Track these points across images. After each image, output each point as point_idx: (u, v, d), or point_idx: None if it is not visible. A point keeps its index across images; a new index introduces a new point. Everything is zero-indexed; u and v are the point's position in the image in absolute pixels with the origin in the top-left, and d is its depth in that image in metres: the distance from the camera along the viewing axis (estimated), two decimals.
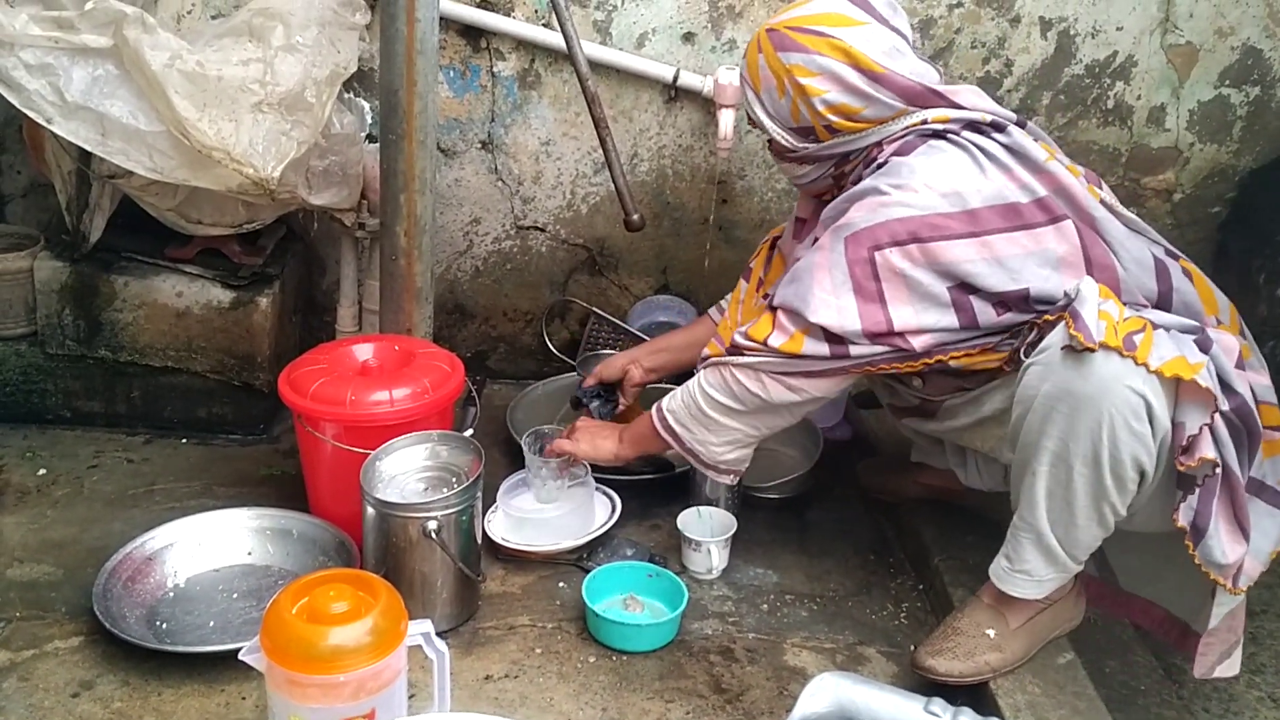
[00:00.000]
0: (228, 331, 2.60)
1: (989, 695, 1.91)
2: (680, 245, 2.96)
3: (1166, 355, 1.73)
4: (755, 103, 2.06)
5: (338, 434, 2.15)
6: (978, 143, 1.91)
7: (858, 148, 1.99)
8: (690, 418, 2.09)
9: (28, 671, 1.92)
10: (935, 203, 1.87)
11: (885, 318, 1.89)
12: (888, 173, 1.91)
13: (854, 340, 1.91)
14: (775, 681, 2.02)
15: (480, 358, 3.06)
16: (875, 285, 1.88)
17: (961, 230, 1.86)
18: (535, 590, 2.22)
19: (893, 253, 1.87)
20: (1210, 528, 1.78)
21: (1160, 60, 2.80)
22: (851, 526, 2.51)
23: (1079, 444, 1.78)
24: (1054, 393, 1.79)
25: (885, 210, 1.88)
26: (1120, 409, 1.74)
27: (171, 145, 2.25)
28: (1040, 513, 1.86)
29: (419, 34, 2.22)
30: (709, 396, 2.05)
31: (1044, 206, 1.89)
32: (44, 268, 2.55)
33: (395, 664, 1.59)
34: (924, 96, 1.94)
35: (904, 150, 1.93)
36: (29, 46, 2.19)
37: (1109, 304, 1.79)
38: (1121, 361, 1.73)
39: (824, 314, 1.90)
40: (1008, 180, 1.89)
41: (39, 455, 2.54)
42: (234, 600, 2.10)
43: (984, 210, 1.87)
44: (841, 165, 2.04)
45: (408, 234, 2.38)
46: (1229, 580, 1.83)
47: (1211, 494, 1.78)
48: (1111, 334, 1.74)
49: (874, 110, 1.95)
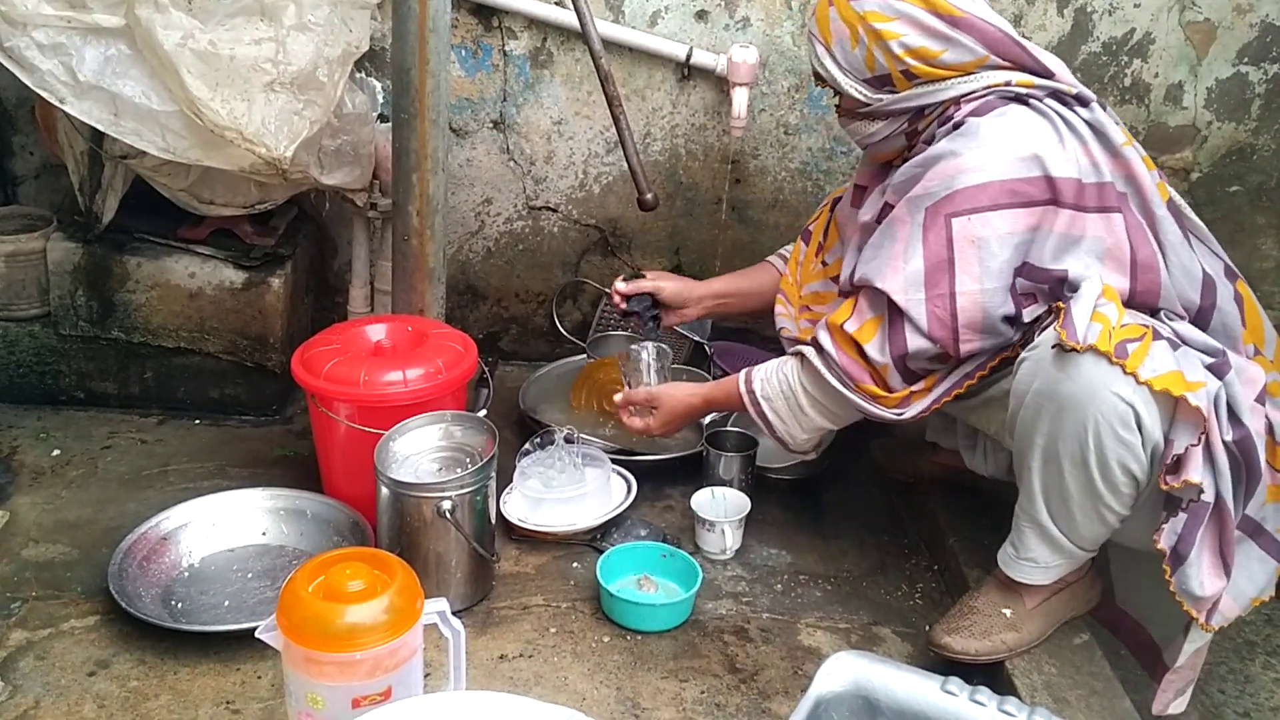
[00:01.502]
0: (240, 312, 2.59)
1: (1005, 675, 1.91)
2: (693, 225, 2.95)
3: (1160, 368, 1.69)
4: (826, 57, 1.99)
5: (351, 414, 2.15)
6: (1060, 112, 1.85)
7: (935, 101, 1.93)
8: (786, 408, 2.06)
9: (44, 650, 1.92)
10: (1015, 167, 1.81)
11: (950, 287, 1.84)
12: (964, 134, 1.85)
13: (912, 322, 1.86)
14: (790, 661, 2.01)
15: (492, 339, 3.05)
16: (948, 253, 1.84)
17: (1040, 196, 1.81)
18: (549, 570, 2.22)
19: (971, 220, 1.82)
20: (1191, 556, 1.73)
21: (1178, 37, 2.78)
22: (866, 507, 2.50)
23: (1066, 444, 1.77)
24: (1043, 390, 1.77)
25: (963, 176, 1.82)
26: (1106, 415, 1.71)
27: (184, 125, 2.24)
28: (1039, 505, 1.85)
29: (431, 12, 2.21)
30: (808, 393, 2.02)
31: (1103, 193, 1.84)
32: (57, 249, 2.55)
33: (412, 642, 1.59)
34: (1004, 43, 1.89)
35: (981, 110, 1.87)
36: (41, 26, 2.18)
37: (1108, 307, 1.75)
38: (1110, 368, 1.69)
39: (891, 280, 1.87)
40: (1082, 155, 1.84)
41: (53, 436, 2.55)
42: (248, 580, 2.10)
43: (1060, 180, 1.81)
44: (915, 121, 1.98)
45: (420, 214, 2.37)
46: (1202, 614, 1.77)
47: (1199, 522, 1.72)
48: (1105, 338, 1.70)
49: (954, 54, 1.89)
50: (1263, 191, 2.91)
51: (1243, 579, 1.80)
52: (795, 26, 2.75)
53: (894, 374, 1.93)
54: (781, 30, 2.75)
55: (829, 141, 2.86)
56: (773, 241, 2.94)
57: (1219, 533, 1.75)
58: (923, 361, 1.92)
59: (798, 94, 2.82)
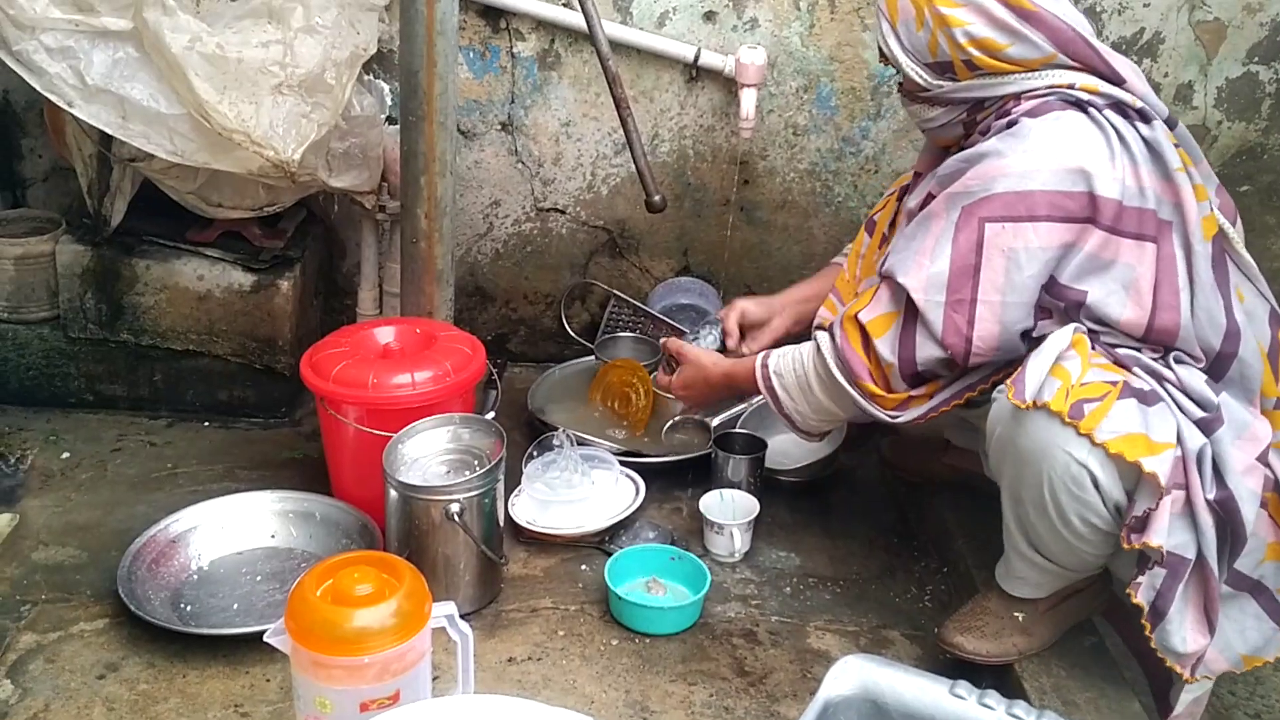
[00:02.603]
0: (249, 315, 2.60)
1: (1014, 677, 1.90)
2: (701, 226, 2.94)
3: (1121, 429, 1.64)
4: (890, 36, 1.93)
5: (360, 417, 2.15)
6: (1118, 126, 1.78)
7: (995, 95, 1.87)
8: (796, 386, 2.02)
9: (54, 653, 1.93)
10: (1059, 179, 1.75)
11: (971, 294, 1.79)
12: (1013, 135, 1.79)
13: (927, 326, 1.82)
14: (799, 664, 2.01)
15: (501, 340, 3.05)
16: (975, 259, 1.78)
17: (1080, 213, 1.75)
18: (557, 573, 2.21)
19: (1005, 228, 1.76)
20: (1171, 612, 1.69)
21: (1188, 37, 2.77)
22: (875, 509, 2.50)
23: (1028, 492, 1.76)
24: (1004, 438, 1.77)
25: (1004, 180, 1.77)
26: (1060, 474, 1.69)
27: (192, 128, 2.24)
28: (1017, 538, 1.85)
29: (439, 14, 2.21)
30: (818, 374, 1.98)
31: (1142, 219, 1.77)
32: (66, 251, 2.55)
33: (420, 646, 1.59)
34: (1076, 43, 1.82)
35: (1037, 112, 1.80)
36: (50, 29, 2.18)
37: (1073, 361, 1.70)
38: (1063, 428, 1.66)
39: (913, 276, 1.82)
40: (1129, 176, 1.76)
41: (62, 439, 2.55)
42: (257, 583, 2.10)
43: (1102, 199, 1.75)
44: (975, 112, 1.91)
45: (428, 216, 2.37)
46: (1186, 669, 1.73)
47: (1177, 579, 1.67)
48: (1060, 396, 1.66)
49: (1020, 50, 1.83)
50: (1273, 191, 2.89)
51: (1233, 633, 1.76)
52: (804, 28, 2.74)
53: (897, 376, 1.89)
54: (790, 31, 2.75)
55: (837, 142, 2.86)
56: (781, 242, 2.95)
57: (1203, 590, 1.70)
58: (931, 366, 1.88)
59: (806, 95, 2.81)
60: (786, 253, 2.96)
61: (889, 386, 1.91)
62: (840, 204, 2.91)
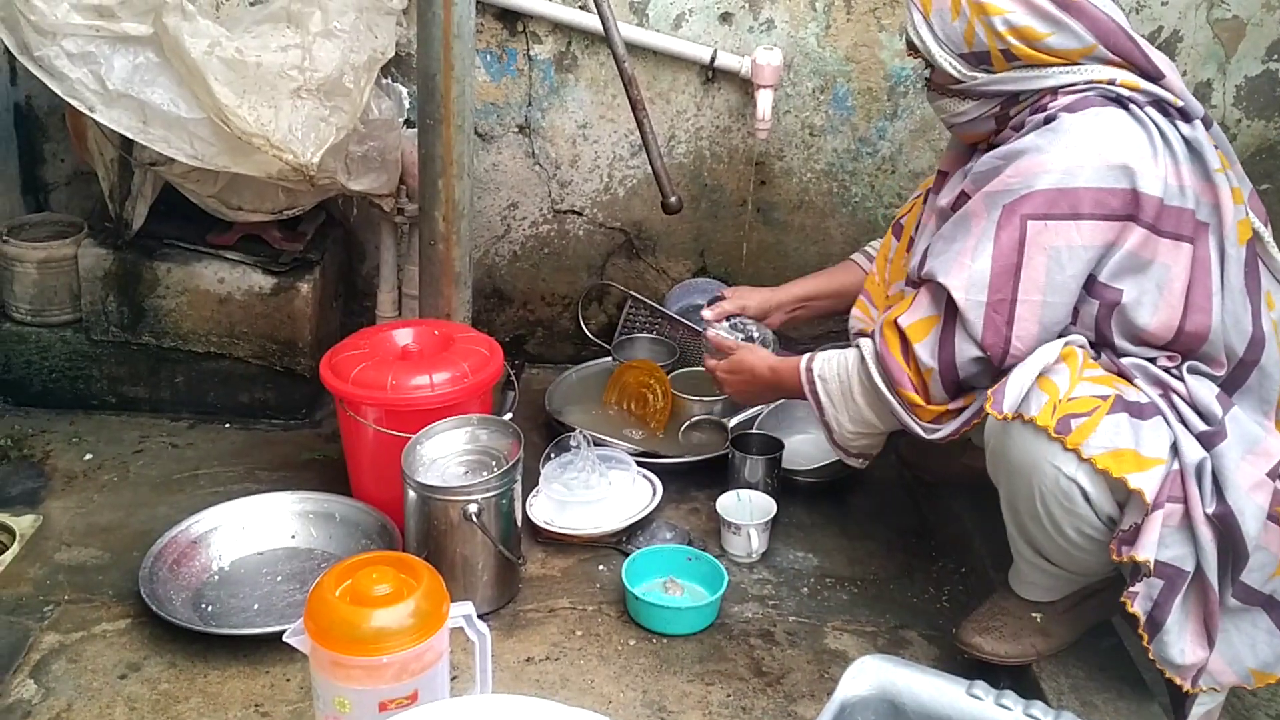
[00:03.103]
0: (269, 317, 2.61)
1: (1032, 677, 1.90)
2: (718, 227, 2.95)
3: (1109, 444, 1.63)
4: (922, 26, 1.87)
5: (379, 418, 2.16)
6: (1159, 124, 1.74)
7: (1031, 89, 1.82)
8: (839, 392, 1.98)
9: (76, 653, 1.94)
10: (1102, 175, 1.71)
11: (1012, 293, 1.75)
12: (1053, 131, 1.74)
13: (966, 326, 1.78)
14: (816, 665, 2.01)
15: (518, 342, 3.06)
16: (1017, 257, 1.74)
17: (1122, 210, 1.71)
18: (575, 573, 2.22)
19: (1048, 225, 1.72)
20: (1169, 623, 1.67)
21: (1207, 35, 2.75)
22: (892, 510, 2.49)
23: (1022, 504, 1.76)
24: (996, 450, 1.77)
25: (1046, 176, 1.72)
26: (1050, 488, 1.69)
27: (212, 132, 2.26)
28: (1020, 544, 1.86)
29: (456, 18, 2.22)
30: (860, 381, 1.94)
31: (1181, 219, 1.73)
32: (88, 255, 2.58)
33: (438, 646, 1.60)
34: (1116, 35, 1.77)
35: (1076, 107, 1.75)
36: (71, 35, 2.21)
37: (1061, 375, 1.69)
38: (1050, 442, 1.66)
39: (955, 276, 1.77)
40: (1171, 175, 1.73)
41: (85, 441, 2.57)
42: (278, 583, 2.12)
43: (1144, 196, 1.71)
44: (1008, 106, 1.86)
45: (446, 219, 2.38)
46: (1186, 680, 1.71)
47: (1174, 591, 1.66)
48: (1046, 411, 1.66)
49: (1060, 39, 1.77)
50: None
51: (1244, 647, 1.73)
52: (819, 29, 2.74)
53: (937, 382, 1.85)
54: (806, 32, 2.75)
55: (854, 142, 2.86)
56: (798, 243, 2.95)
57: (1202, 603, 1.68)
58: (970, 371, 1.83)
59: (822, 95, 2.81)
60: (803, 253, 2.96)
61: (928, 395, 1.87)
62: (857, 204, 2.91)
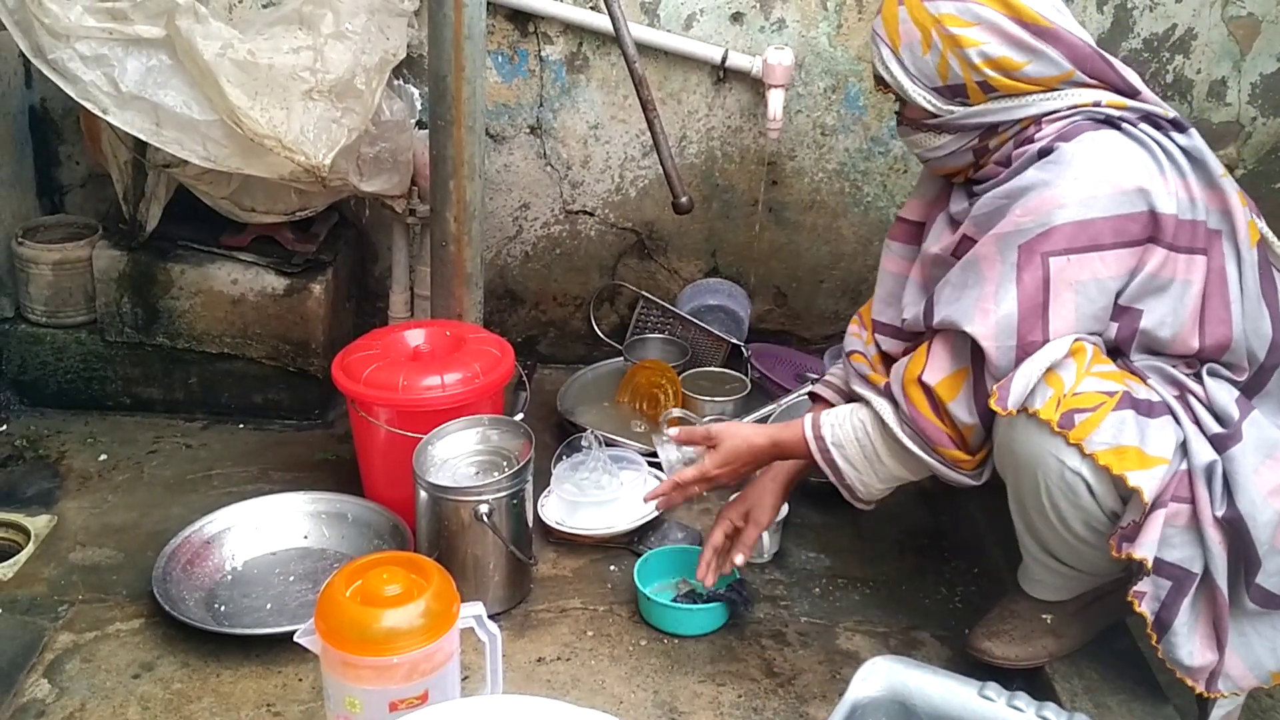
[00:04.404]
0: (282, 318, 2.62)
1: (1045, 679, 1.89)
2: (730, 228, 2.94)
3: (1112, 441, 1.61)
4: (892, 62, 1.80)
5: (390, 419, 2.16)
6: (1158, 140, 1.70)
7: (1011, 118, 1.76)
8: (861, 457, 1.87)
9: (90, 653, 1.95)
10: (1118, 202, 1.65)
11: (1042, 335, 1.68)
12: (1055, 163, 1.68)
13: (996, 373, 1.70)
14: (828, 665, 2.01)
15: (530, 343, 3.07)
16: (1043, 296, 1.67)
17: (1142, 234, 1.66)
18: (586, 574, 2.22)
19: (1071, 260, 1.66)
20: (1177, 624, 1.65)
21: (1221, 33, 2.74)
22: (905, 511, 2.48)
23: (1028, 499, 1.75)
24: (1002, 444, 1.74)
25: (1061, 211, 1.65)
26: (1055, 482, 1.67)
27: (224, 134, 2.27)
28: (1029, 541, 1.84)
29: (466, 19, 2.22)
30: (886, 444, 1.84)
31: (1195, 232, 1.69)
32: (102, 256, 2.59)
33: (448, 646, 1.60)
34: (1092, 59, 1.73)
35: (1070, 135, 1.69)
36: (84, 38, 2.22)
37: (1068, 370, 1.66)
38: (1053, 437, 1.64)
39: (980, 325, 1.69)
40: (1181, 189, 1.69)
41: (99, 441, 2.59)
42: (290, 583, 2.13)
43: (1162, 216, 1.66)
44: (987, 138, 1.80)
45: (457, 220, 2.39)
46: (1199, 683, 1.69)
47: (1182, 593, 1.64)
48: (1051, 405, 1.63)
49: (1038, 68, 1.72)
50: None
51: (1264, 650, 1.70)
52: (831, 28, 2.74)
53: (979, 434, 1.77)
54: (817, 31, 2.74)
55: (866, 142, 2.85)
56: (810, 243, 2.94)
57: (1212, 607, 1.67)
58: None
59: (834, 95, 2.81)
60: (815, 253, 2.96)
61: (970, 448, 1.79)
62: (870, 204, 2.90)
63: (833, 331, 2.88)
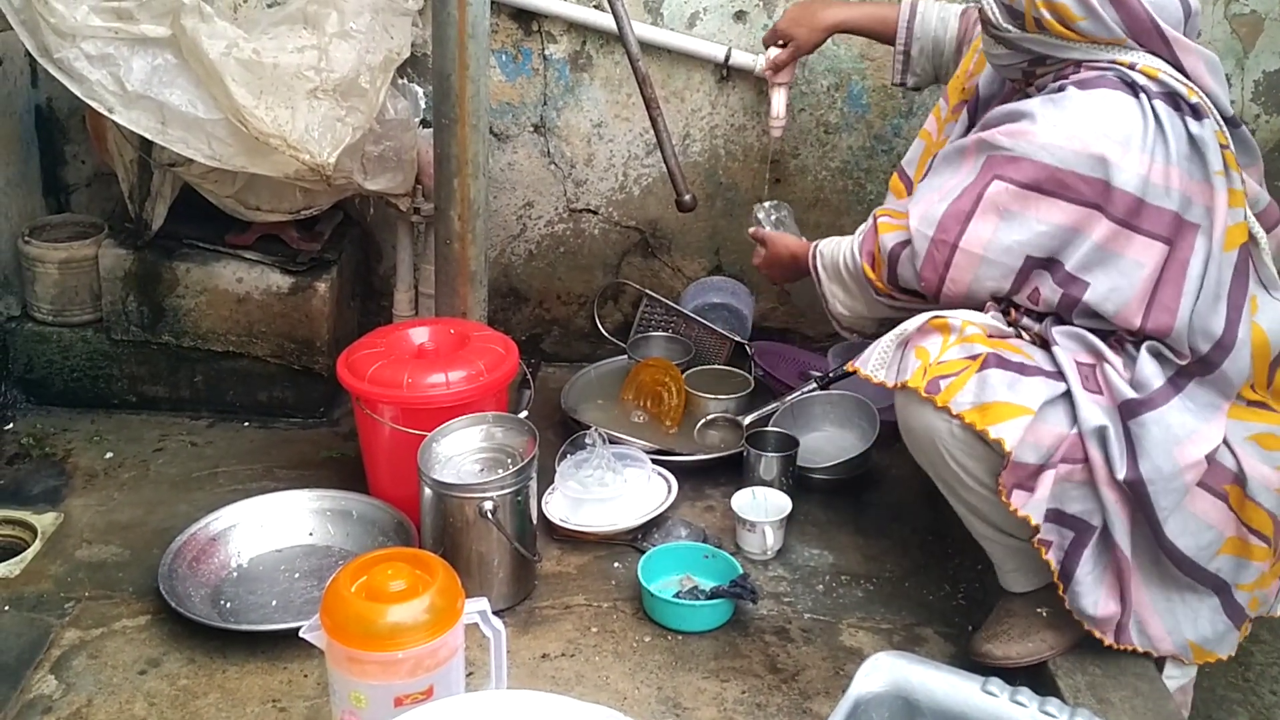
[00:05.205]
0: (287, 316, 2.63)
1: (1048, 675, 1.89)
2: (733, 226, 2.95)
3: (975, 400, 1.72)
4: None
5: (395, 416, 2.17)
6: (1161, 117, 1.75)
7: (1057, 56, 1.85)
8: (833, 264, 2.13)
9: (97, 649, 1.96)
10: (1077, 160, 1.75)
11: (954, 239, 1.84)
12: (1054, 102, 1.79)
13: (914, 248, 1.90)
14: (831, 662, 2.01)
15: (534, 341, 3.07)
16: (972, 206, 1.83)
17: (1088, 198, 1.76)
18: (591, 570, 2.23)
19: (1009, 189, 1.79)
20: (1079, 574, 1.77)
21: (1224, 30, 2.74)
22: (908, 507, 2.49)
23: (942, 470, 1.84)
24: (903, 425, 1.88)
25: (1026, 145, 1.78)
26: (949, 443, 1.78)
27: (230, 133, 2.28)
28: (976, 524, 1.90)
29: (470, 18, 2.23)
30: (846, 262, 2.09)
31: (1160, 218, 1.75)
32: (108, 255, 2.60)
33: (452, 642, 1.61)
34: (1149, 35, 1.79)
35: (1089, 84, 1.78)
36: (90, 37, 2.22)
37: (933, 342, 1.80)
38: (924, 404, 1.77)
39: (917, 205, 1.90)
40: (1159, 172, 1.74)
41: (106, 439, 2.60)
42: (295, 580, 2.13)
43: (1118, 191, 1.74)
44: (1036, 65, 1.90)
45: (461, 218, 2.39)
46: (1107, 634, 1.81)
47: (1081, 546, 1.76)
48: (919, 375, 1.77)
49: (1092, 25, 1.79)
50: None
51: (1185, 618, 1.82)
52: None
53: (886, 271, 1.99)
54: None
55: (869, 140, 2.85)
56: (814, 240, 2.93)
57: (1116, 567, 1.77)
58: (911, 287, 1.96)
59: (837, 93, 2.81)
60: None
61: (882, 277, 2.00)
62: (873, 202, 2.90)
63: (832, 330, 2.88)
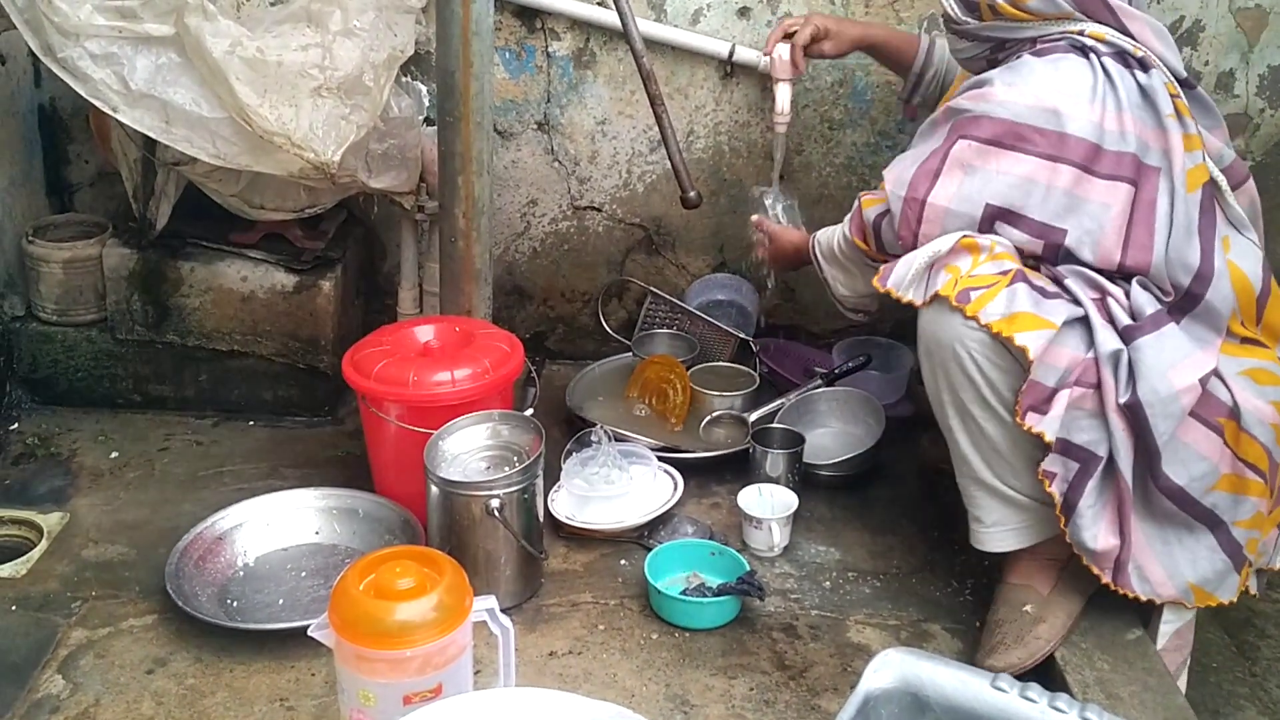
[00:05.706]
0: (292, 315, 2.63)
1: (1057, 671, 1.89)
2: (738, 222, 2.94)
3: (1005, 311, 1.78)
4: None
5: (401, 414, 2.17)
6: (1110, 72, 1.88)
7: (1014, 38, 1.99)
8: (830, 248, 2.21)
9: (104, 649, 1.96)
10: (1031, 114, 1.87)
11: (924, 195, 1.92)
12: (1012, 69, 1.93)
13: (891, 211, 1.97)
14: (839, 658, 2.01)
15: (539, 338, 3.07)
16: (939, 165, 1.92)
17: (1043, 149, 1.86)
18: (597, 568, 2.23)
19: (971, 145, 1.90)
20: (1081, 506, 1.81)
21: (1229, 24, 2.73)
22: (914, 503, 2.49)
23: (966, 391, 1.85)
24: (924, 338, 1.89)
25: (987, 105, 1.90)
26: (975, 352, 1.82)
27: (233, 131, 2.28)
28: (976, 464, 1.92)
29: (474, 15, 2.22)
30: (840, 244, 2.17)
31: (1120, 161, 1.86)
32: (112, 255, 2.60)
33: (461, 639, 1.61)
34: (1097, 6, 1.93)
35: (1043, 52, 1.92)
36: (94, 36, 2.22)
37: (964, 259, 1.85)
38: (952, 313, 1.82)
39: (892, 170, 1.99)
40: (1112, 119, 1.86)
41: (111, 439, 2.60)
42: (302, 578, 2.13)
43: (1073, 139, 1.86)
44: (997, 51, 2.04)
45: (466, 216, 2.39)
46: (1105, 571, 1.84)
47: (1087, 475, 1.79)
48: (950, 285, 1.82)
49: (1041, 4, 1.95)
50: None
51: (1184, 560, 1.85)
52: None
53: (874, 241, 2.06)
54: None
55: (873, 136, 2.85)
56: None
57: (1116, 492, 1.80)
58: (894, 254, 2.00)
59: (841, 89, 2.81)
60: None
61: (868, 242, 2.08)
62: None
63: (841, 326, 2.88)
